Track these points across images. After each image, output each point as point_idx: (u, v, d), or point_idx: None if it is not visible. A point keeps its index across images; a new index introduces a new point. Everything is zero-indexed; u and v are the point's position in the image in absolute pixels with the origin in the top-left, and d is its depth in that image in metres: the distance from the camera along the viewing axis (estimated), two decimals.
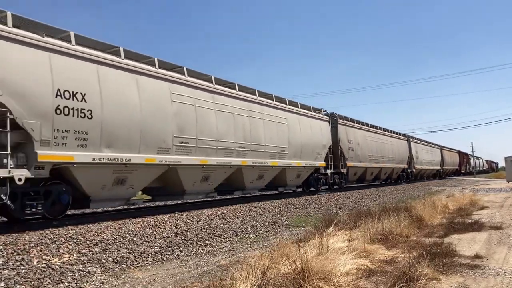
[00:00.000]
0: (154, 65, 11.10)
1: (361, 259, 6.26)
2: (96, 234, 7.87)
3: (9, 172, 7.62)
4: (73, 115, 8.74)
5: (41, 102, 8.20)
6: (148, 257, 7.64)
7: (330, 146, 20.29)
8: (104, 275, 6.55)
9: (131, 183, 10.18)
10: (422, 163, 38.12)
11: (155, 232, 8.77)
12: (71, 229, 7.95)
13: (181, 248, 8.44)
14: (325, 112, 21.14)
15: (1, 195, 7.54)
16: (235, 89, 14.23)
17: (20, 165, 7.95)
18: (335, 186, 21.50)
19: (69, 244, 7.18)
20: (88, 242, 7.45)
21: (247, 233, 10.39)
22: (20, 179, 7.78)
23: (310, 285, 4.90)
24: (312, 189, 19.59)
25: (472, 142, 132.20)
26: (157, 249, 8.04)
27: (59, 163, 8.54)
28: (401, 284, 4.90)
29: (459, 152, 61.06)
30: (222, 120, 13.00)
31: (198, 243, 8.98)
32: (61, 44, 8.83)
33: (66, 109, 8.60)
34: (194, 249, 8.57)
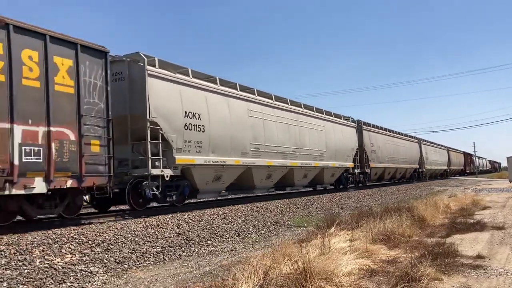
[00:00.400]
0: (236, 89, 14.37)
1: (363, 259, 6.25)
2: (98, 234, 7.88)
3: (162, 171, 10.76)
4: (194, 130, 11.94)
5: (177, 121, 11.39)
6: (150, 257, 7.65)
7: (356, 149, 23.44)
8: (106, 275, 6.56)
9: (224, 179, 13.38)
10: (431, 164, 40.71)
11: (157, 232, 8.78)
12: (73, 229, 7.96)
13: (183, 248, 8.45)
14: (352, 119, 24.37)
15: (154, 188, 10.60)
16: (287, 103, 17.47)
17: (164, 166, 10.90)
18: (360, 184, 24.50)
19: (71, 244, 7.19)
20: (90, 242, 7.46)
21: (249, 233, 10.39)
22: (167, 176, 10.92)
23: (312, 285, 4.90)
24: (341, 186, 22.47)
25: (474, 142, 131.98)
26: (159, 249, 8.05)
27: (186, 164, 11.64)
28: (403, 284, 4.89)
29: (464, 153, 63.97)
30: (280, 129, 16.28)
31: (200, 243, 8.98)
32: (184, 78, 12.05)
33: (190, 125, 11.83)
34: (196, 249, 8.58)
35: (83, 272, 6.45)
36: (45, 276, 6.03)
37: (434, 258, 6.13)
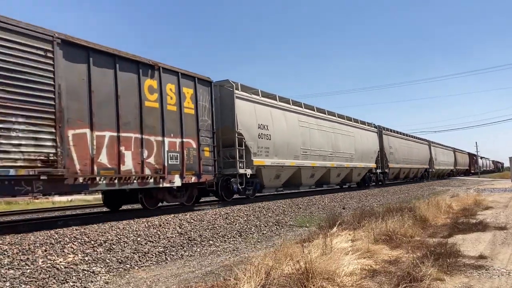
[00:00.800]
0: (289, 103, 17.75)
1: (365, 259, 6.25)
2: (101, 234, 7.90)
3: (245, 170, 14.07)
4: (264, 138, 15.32)
5: (253, 132, 14.78)
6: (152, 257, 7.66)
7: (378, 151, 26.86)
8: (108, 275, 6.58)
9: (281, 177, 16.63)
10: (440, 164, 44.37)
11: (159, 232, 8.79)
12: (76, 229, 7.98)
13: (185, 248, 8.46)
14: (374, 125, 27.65)
15: (238, 184, 13.95)
16: (325, 113, 20.84)
17: (244, 167, 14.06)
18: (379, 183, 27.76)
19: (73, 244, 7.21)
20: (92, 242, 7.48)
21: (250, 233, 10.40)
22: (248, 174, 14.26)
23: (313, 285, 4.90)
24: (366, 184, 25.63)
25: (476, 142, 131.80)
26: (161, 249, 8.06)
27: (259, 165, 14.83)
28: (405, 284, 4.89)
29: (469, 154, 68.29)
30: (321, 136, 19.56)
31: (202, 243, 8.99)
32: (256, 97, 15.48)
33: (261, 135, 15.23)
34: (198, 249, 8.59)
35: (86, 272, 6.47)
36: (47, 276, 6.05)
37: (436, 258, 6.13)
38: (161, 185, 10.67)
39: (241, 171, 13.90)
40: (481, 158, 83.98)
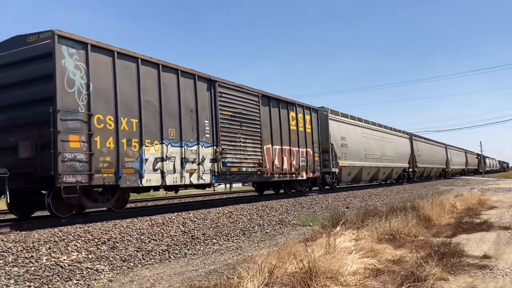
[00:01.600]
0: (355, 119, 24.67)
1: (368, 259, 6.23)
2: (104, 232, 7.92)
3: (334, 169, 20.12)
4: (344, 146, 21.69)
5: (338, 142, 21.13)
6: (156, 256, 7.68)
7: (410, 154, 33.44)
8: (112, 273, 6.59)
9: (351, 175, 23.05)
10: (454, 164, 52.14)
11: (162, 231, 8.81)
12: (80, 227, 8.01)
13: (188, 247, 8.47)
14: (406, 132, 34.46)
15: (330, 179, 20.06)
16: (376, 125, 27.90)
17: (334, 167, 20.15)
18: (410, 179, 33.68)
19: (77, 242, 7.24)
20: (96, 240, 7.50)
21: (254, 232, 10.40)
22: (335, 172, 20.27)
23: (317, 284, 4.89)
24: (400, 181, 32.05)
25: (480, 142, 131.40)
26: (164, 248, 8.07)
27: (341, 166, 20.89)
28: (409, 284, 4.87)
29: (477, 154, 75.46)
30: (375, 143, 26.31)
31: (205, 241, 9.00)
32: (339, 117, 22.28)
33: (343, 144, 21.65)
34: (201, 248, 8.59)
35: (89, 270, 6.49)
36: (51, 273, 6.07)
37: (440, 257, 6.10)
38: (298, 178, 17.20)
39: (333, 169, 20.23)
40: (488, 158, 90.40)
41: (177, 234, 8.89)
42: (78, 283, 6.03)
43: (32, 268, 6.06)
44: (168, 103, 10.98)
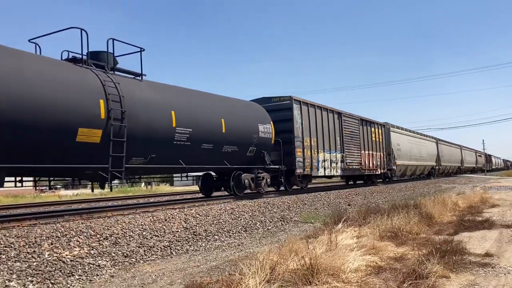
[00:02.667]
0: (402, 129, 32.78)
1: (370, 256, 6.23)
2: (106, 228, 7.94)
3: (394, 166, 28.34)
4: (397, 150, 29.41)
5: (395, 147, 28.85)
6: (158, 251, 7.69)
7: (436, 154, 41.99)
8: (114, 269, 6.61)
9: (401, 171, 30.72)
10: (467, 163, 60.78)
11: (164, 227, 8.82)
12: (82, 223, 8.03)
13: (190, 243, 8.49)
14: (433, 137, 42.91)
15: (390, 174, 28.80)
16: (415, 133, 36.72)
17: (393, 165, 28.29)
18: (435, 175, 41.71)
19: (79, 237, 7.25)
20: (98, 236, 7.52)
21: (255, 229, 10.41)
22: (394, 169, 28.71)
23: (318, 281, 4.90)
24: (428, 176, 40.26)
25: (483, 140, 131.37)
26: (166, 244, 8.09)
27: (397, 165, 28.80)
28: (410, 282, 4.87)
29: (485, 154, 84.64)
30: (415, 146, 34.34)
31: (207, 238, 9.01)
32: (395, 129, 30.39)
33: (397, 149, 29.31)
34: (203, 244, 8.61)
35: (91, 265, 6.51)
36: (53, 268, 6.09)
37: (441, 255, 6.10)
38: (375, 173, 24.76)
39: (393, 167, 28.02)
40: (494, 157, 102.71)
41: (179, 230, 8.90)
42: (80, 278, 6.05)
43: (35, 263, 6.08)
44: (325, 129, 18.93)
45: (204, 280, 5.41)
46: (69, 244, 6.93)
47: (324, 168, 18.50)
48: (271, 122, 15.36)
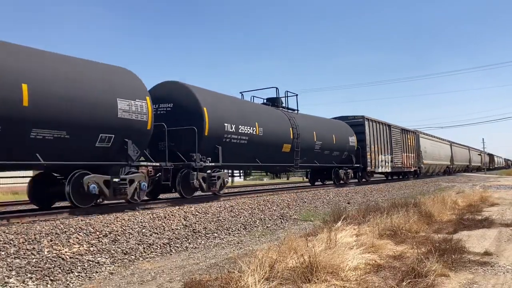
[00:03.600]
0: (426, 134, 39.03)
1: (369, 254, 6.24)
2: (106, 225, 7.93)
3: (422, 165, 34.36)
4: (424, 152, 35.40)
5: (423, 149, 34.87)
6: (157, 249, 7.70)
7: (450, 155, 47.37)
8: (113, 266, 6.62)
9: (426, 169, 36.83)
10: (474, 162, 67.55)
11: (164, 224, 8.82)
12: (81, 220, 8.03)
13: (189, 240, 8.49)
14: (448, 140, 48.75)
15: (418, 170, 34.30)
16: (434, 137, 42.09)
17: (421, 164, 34.08)
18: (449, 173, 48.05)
19: (79, 234, 7.25)
20: (97, 233, 7.52)
21: (255, 227, 10.41)
22: (422, 167, 34.72)
23: (318, 279, 4.90)
24: (445, 174, 46.01)
25: (483, 139, 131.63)
26: (165, 241, 8.09)
27: (424, 164, 34.96)
28: (409, 280, 4.87)
29: (489, 154, 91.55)
30: (436, 149, 40.20)
31: (207, 235, 9.02)
32: (423, 135, 37.26)
33: (424, 151, 35.23)
34: (203, 242, 8.61)
35: (91, 262, 6.51)
36: (53, 265, 6.09)
37: (441, 254, 6.11)
38: (410, 170, 30.42)
39: (422, 166, 33.50)
40: (496, 156, 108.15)
41: (179, 228, 8.90)
42: (79, 275, 6.06)
43: (34, 260, 6.08)
44: (381, 137, 25.09)
45: (203, 278, 5.41)
46: (69, 241, 6.93)
47: (381, 166, 25.14)
48: (354, 135, 22.11)
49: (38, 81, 7.93)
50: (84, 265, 6.36)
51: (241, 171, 16.45)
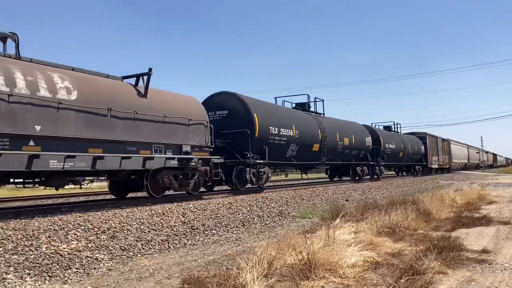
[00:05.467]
0: (454, 141, 52.35)
1: (367, 252, 6.24)
2: (104, 221, 7.93)
3: (452, 163, 49.42)
4: (453, 154, 49.56)
5: (452, 153, 48.91)
6: (155, 245, 7.69)
7: (467, 155, 60.50)
8: (111, 262, 6.61)
9: (455, 167, 51.38)
10: (482, 162, 77.01)
11: (162, 221, 8.82)
12: (79, 216, 8.02)
13: (188, 237, 8.49)
14: (465, 143, 62.15)
15: (449, 168, 48.78)
16: (459, 142, 56.57)
17: (451, 162, 48.99)
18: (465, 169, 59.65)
19: (77, 231, 7.25)
20: (96, 229, 7.51)
21: (253, 223, 10.41)
22: (452, 165, 49.27)
23: (316, 276, 4.91)
24: (463, 170, 56.06)
25: (481, 137, 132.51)
26: (164, 238, 8.09)
27: (454, 163, 50.00)
28: (408, 277, 4.88)
29: (493, 154, 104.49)
30: (459, 152, 53.91)
31: (205, 232, 9.02)
32: (452, 140, 51.16)
33: (453, 153, 49.38)
34: (201, 238, 8.61)
35: (89, 259, 6.50)
36: (51, 261, 6.08)
37: (439, 251, 6.11)
38: (446, 167, 45.03)
39: (452, 164, 45.94)
40: (498, 155, 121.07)
41: (177, 225, 8.90)
42: (77, 271, 6.05)
43: (32, 256, 6.08)
44: (433, 145, 39.97)
45: (202, 274, 5.41)
46: (67, 237, 6.92)
47: (433, 164, 38.44)
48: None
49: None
50: (82, 262, 6.35)
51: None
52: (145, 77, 10.89)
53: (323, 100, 21.40)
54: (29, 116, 7.99)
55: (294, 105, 20.28)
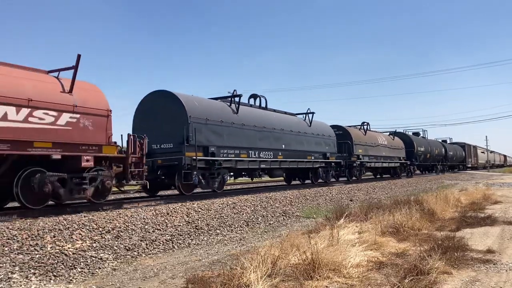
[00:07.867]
0: (479, 147, 69.16)
1: (371, 251, 6.24)
2: (109, 221, 7.96)
3: (478, 163, 62.49)
4: (479, 156, 68.21)
5: (477, 155, 63.36)
6: (160, 245, 7.72)
7: (487, 157, 76.21)
8: (116, 262, 6.64)
9: (479, 166, 64.89)
10: (493, 161, 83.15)
11: (166, 221, 8.84)
12: (84, 216, 8.05)
13: (192, 237, 8.51)
14: (485, 147, 75.37)
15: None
16: (481, 147, 72.46)
17: (476, 163, 61.29)
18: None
19: (82, 230, 7.28)
20: (100, 229, 7.54)
21: (257, 223, 10.42)
22: (477, 164, 61.80)
23: (320, 276, 4.91)
24: (483, 169, 66.98)
25: (486, 136, 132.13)
26: (168, 237, 8.11)
27: (479, 162, 64.61)
28: (412, 277, 4.87)
29: (504, 155, 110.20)
30: (481, 154, 68.50)
31: (209, 232, 9.03)
32: (478, 147, 70.12)
33: (479, 156, 65.57)
34: (205, 238, 8.63)
35: (93, 258, 6.53)
36: (56, 261, 6.12)
37: (443, 251, 6.10)
38: (474, 166, 58.26)
39: (477, 164, 59.22)
40: (508, 156, 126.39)
41: (181, 224, 8.93)
42: (82, 271, 6.08)
43: (37, 256, 6.11)
44: (469, 151, 55.24)
45: (206, 274, 5.43)
46: (72, 237, 6.95)
47: (470, 164, 52.40)
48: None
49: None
50: (87, 261, 6.38)
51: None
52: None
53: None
54: None
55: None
